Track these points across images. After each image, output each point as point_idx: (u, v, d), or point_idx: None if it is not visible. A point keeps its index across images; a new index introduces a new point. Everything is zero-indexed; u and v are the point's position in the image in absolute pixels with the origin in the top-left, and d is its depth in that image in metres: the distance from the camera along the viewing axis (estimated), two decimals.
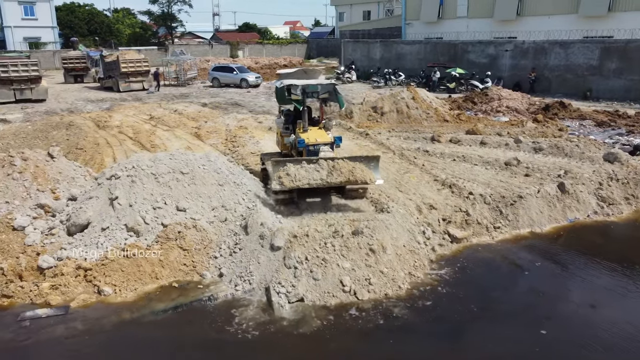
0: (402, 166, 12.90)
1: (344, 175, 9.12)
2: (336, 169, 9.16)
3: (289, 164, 9.17)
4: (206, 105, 26.01)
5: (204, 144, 15.89)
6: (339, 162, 9.28)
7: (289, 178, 8.97)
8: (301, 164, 9.18)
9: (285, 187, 9.01)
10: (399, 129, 18.11)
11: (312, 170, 9.11)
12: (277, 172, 9.11)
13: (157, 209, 8.50)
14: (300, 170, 9.07)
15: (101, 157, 14.15)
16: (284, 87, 10.40)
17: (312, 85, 10.36)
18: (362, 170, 9.29)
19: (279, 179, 9.00)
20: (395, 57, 37.08)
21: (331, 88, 10.83)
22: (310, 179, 9.03)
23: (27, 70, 26.80)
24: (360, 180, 9.26)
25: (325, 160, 9.31)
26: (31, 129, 18.31)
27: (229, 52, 63.88)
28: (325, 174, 9.11)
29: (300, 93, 10.25)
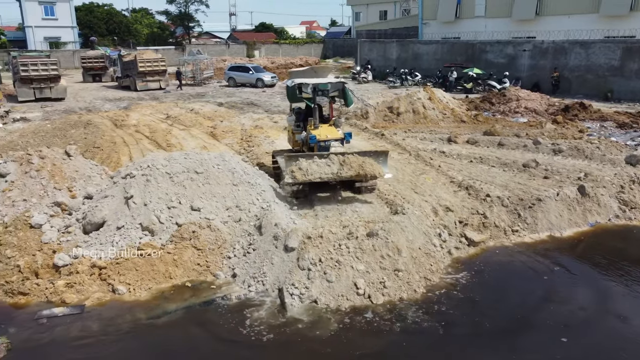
0: (417, 167, 12.75)
1: (354, 169, 9.43)
2: (346, 164, 9.46)
3: (301, 159, 9.51)
4: (222, 104, 26.10)
5: (220, 143, 15.92)
6: (349, 157, 9.60)
7: (301, 172, 9.28)
8: (313, 159, 9.51)
9: (298, 181, 9.32)
10: (415, 129, 17.95)
11: (323, 165, 9.44)
12: (289, 166, 9.43)
13: (172, 209, 8.50)
14: (312, 164, 9.40)
15: (117, 156, 14.25)
16: (295, 85, 10.71)
17: (322, 83, 10.62)
18: (371, 164, 9.59)
19: (291, 173, 9.32)
20: (412, 57, 36.82)
21: (340, 86, 11.10)
22: (321, 173, 9.35)
23: (47, 70, 27.15)
24: (370, 174, 9.55)
25: (335, 155, 9.63)
26: (50, 127, 18.55)
27: (245, 51, 64.11)
28: (336, 169, 9.42)
29: (311, 91, 10.54)
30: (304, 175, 9.29)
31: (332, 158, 9.56)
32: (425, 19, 41.73)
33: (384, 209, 9.72)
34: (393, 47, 38.50)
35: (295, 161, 9.50)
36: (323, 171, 9.38)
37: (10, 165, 9.93)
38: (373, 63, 39.34)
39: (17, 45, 59.55)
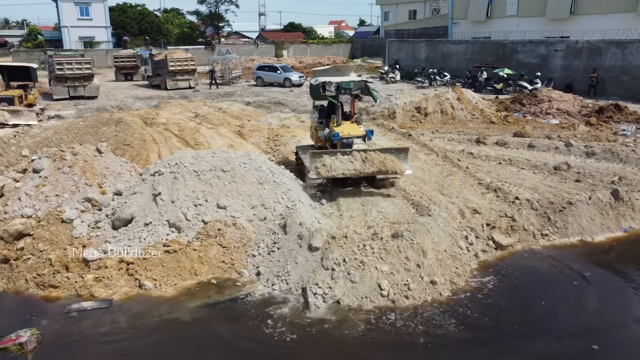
0: (445, 168, 12.59)
1: (376, 165, 9.81)
2: (368, 160, 9.84)
3: (325, 156, 9.89)
4: (250, 104, 26.30)
5: (247, 142, 16.04)
6: (371, 153, 9.96)
7: (325, 168, 9.70)
8: (336, 156, 9.91)
9: (322, 177, 9.74)
10: (443, 130, 17.73)
11: (346, 161, 9.83)
12: (314, 162, 9.84)
13: (198, 206, 8.60)
14: (336, 161, 9.80)
15: (147, 154, 14.51)
16: (319, 84, 10.99)
17: (345, 82, 10.92)
18: (392, 161, 9.95)
19: (316, 169, 9.73)
20: (441, 57, 36.38)
21: (363, 85, 11.37)
22: (344, 169, 9.76)
23: (81, 69, 27.85)
24: (391, 171, 9.94)
25: (358, 152, 9.99)
26: (83, 125, 19.02)
27: (273, 51, 64.49)
28: (358, 165, 9.81)
29: (334, 90, 10.82)
30: (327, 171, 9.69)
31: (355, 155, 9.91)
32: (455, 19, 41.20)
33: (409, 209, 9.63)
34: (422, 47, 38.12)
35: (320, 158, 9.85)
36: (346, 167, 9.77)
37: (45, 162, 10.22)
38: (401, 63, 39.04)
39: (54, 44, 61.31)
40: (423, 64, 36.76)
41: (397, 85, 35.58)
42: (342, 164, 9.80)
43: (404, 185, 11.06)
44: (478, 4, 38.43)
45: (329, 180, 10.11)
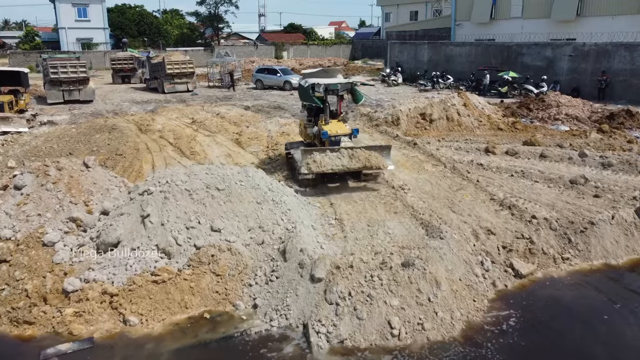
0: (454, 182, 11.89)
1: (361, 161, 10.65)
2: (355, 157, 10.67)
3: (315, 152, 10.70)
4: (249, 108, 25.61)
5: (245, 151, 15.34)
6: (357, 150, 10.80)
7: (315, 164, 10.49)
8: (325, 153, 10.71)
9: (312, 172, 10.55)
10: (450, 138, 17.02)
11: (334, 158, 10.63)
12: (305, 159, 10.60)
13: (190, 229, 7.90)
14: (325, 157, 10.60)
15: (140, 164, 13.81)
16: (309, 85, 11.74)
17: (333, 84, 11.80)
18: (376, 157, 10.82)
19: (307, 165, 10.52)
20: (444, 59, 35.68)
21: (349, 86, 12.26)
22: (333, 165, 10.57)
23: (76, 72, 27.16)
24: (375, 166, 10.79)
25: (345, 149, 10.79)
26: (75, 132, 18.31)
27: (273, 52, 63.80)
28: (345, 161, 10.61)
29: (323, 91, 11.73)
30: (317, 167, 10.49)
31: (342, 152, 10.73)
32: (458, 20, 40.49)
33: (419, 230, 8.93)
34: (424, 49, 37.43)
35: (310, 154, 10.66)
36: (334, 163, 10.58)
37: (27, 177, 9.54)
38: (403, 65, 38.34)
39: (51, 46, 60.65)
40: (425, 67, 36.06)
41: (399, 88, 34.90)
42: (331, 160, 10.58)
43: (411, 201, 10.37)
44: (482, 5, 37.72)
45: (318, 176, 10.95)
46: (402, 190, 11.06)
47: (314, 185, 11.19)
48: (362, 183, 11.38)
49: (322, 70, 13.25)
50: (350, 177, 11.62)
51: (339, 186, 11.32)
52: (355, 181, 11.51)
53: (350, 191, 11.10)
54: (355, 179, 11.57)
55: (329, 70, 13.28)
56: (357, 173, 11.31)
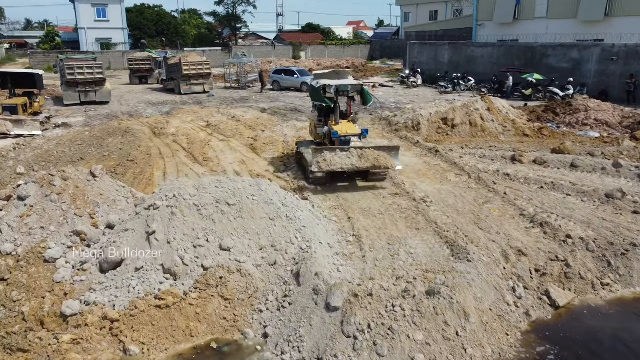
0: (480, 194, 11.19)
1: (370, 161, 10.93)
2: (364, 156, 10.97)
3: (325, 152, 11.06)
4: (265, 110, 25.12)
5: (259, 157, 14.82)
6: (366, 150, 11.10)
7: (325, 163, 10.83)
8: (335, 152, 11.03)
9: (323, 170, 10.89)
10: (473, 144, 16.28)
11: (344, 157, 10.94)
12: (316, 157, 10.95)
13: (198, 247, 7.38)
14: (335, 157, 10.93)
15: (151, 171, 13.38)
16: (320, 86, 12.12)
17: (344, 85, 12.21)
18: (384, 157, 11.08)
19: (317, 163, 10.86)
20: (465, 60, 34.76)
21: (359, 88, 12.56)
22: (342, 164, 10.88)
23: (92, 73, 26.98)
24: (384, 166, 11.06)
25: (355, 149, 11.13)
26: (88, 135, 18.02)
27: (291, 53, 63.37)
28: (355, 160, 10.92)
29: (334, 92, 12.10)
30: (328, 166, 10.83)
31: (352, 151, 11.06)
32: (480, 20, 39.48)
33: (443, 250, 8.28)
34: (445, 50, 36.53)
35: (321, 153, 11.02)
36: (344, 162, 10.89)
37: (31, 188, 9.12)
38: (423, 66, 37.48)
39: (71, 46, 61.13)
40: (446, 68, 35.18)
41: (419, 90, 34.11)
42: (341, 160, 10.90)
43: (435, 215, 9.72)
44: (505, 5, 36.67)
45: (328, 174, 11.31)
46: (424, 203, 10.41)
47: (323, 184, 11.54)
48: (371, 183, 11.71)
49: (333, 71, 13.61)
50: (358, 177, 11.97)
51: (359, 201, 10.73)
52: (364, 181, 11.84)
53: (369, 203, 10.51)
54: (363, 179, 11.89)
55: (340, 71, 13.65)
56: (365, 172, 11.61)
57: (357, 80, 13.44)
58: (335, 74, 13.18)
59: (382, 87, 36.17)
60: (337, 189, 11.49)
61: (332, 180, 11.63)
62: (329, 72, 13.46)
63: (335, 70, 13.91)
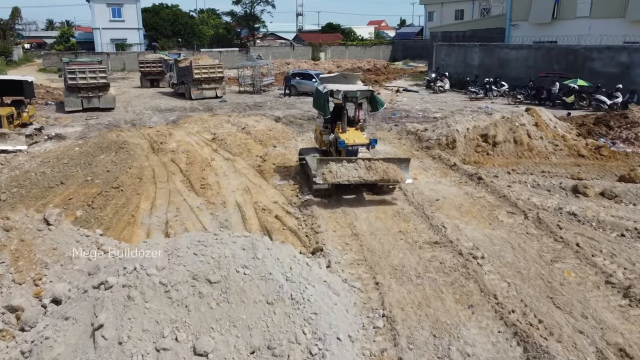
0: (544, 244, 8.72)
1: (379, 174, 10.26)
2: (372, 169, 10.30)
3: (331, 162, 10.39)
4: (279, 119, 22.92)
5: (267, 183, 12.54)
6: (375, 162, 10.46)
7: (331, 175, 10.16)
8: (342, 163, 10.39)
9: (328, 182, 10.21)
10: (521, 168, 13.73)
11: (351, 169, 10.29)
12: (321, 169, 10.28)
13: (162, 352, 5.11)
14: (341, 168, 10.27)
15: (137, 202, 11.19)
16: (327, 91, 11.44)
17: (352, 91, 11.59)
18: (394, 170, 10.41)
19: (322, 175, 10.19)
20: (497, 63, 32.03)
21: (368, 94, 11.91)
22: (349, 176, 10.20)
23: (95, 78, 25.09)
24: (393, 179, 10.36)
25: (363, 160, 10.51)
26: (78, 151, 15.99)
27: (310, 54, 61.14)
28: (362, 172, 10.26)
29: (342, 98, 11.48)
30: (333, 178, 10.15)
31: (359, 163, 10.44)
32: (514, 20, 36.58)
33: (513, 349, 5.86)
34: (475, 52, 33.83)
35: (326, 164, 10.35)
36: (351, 174, 10.24)
37: None
38: (450, 69, 34.85)
39: (86, 46, 59.96)
40: (476, 71, 32.49)
41: (447, 96, 31.54)
42: (347, 171, 10.27)
43: (491, 282, 7.31)
44: (543, 4, 33.75)
45: (333, 186, 10.74)
46: (474, 260, 8.00)
47: (328, 196, 11.02)
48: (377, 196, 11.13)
49: (340, 75, 12.87)
50: (365, 189, 11.38)
51: (389, 253, 8.38)
52: (371, 194, 11.28)
53: (401, 258, 8.15)
54: (370, 191, 11.33)
55: (348, 75, 12.83)
56: (373, 185, 11.02)
57: (366, 86, 12.82)
58: (342, 78, 12.46)
59: (406, 91, 33.67)
60: (362, 234, 9.17)
61: (338, 192, 11.09)
62: (336, 76, 12.73)
63: (342, 73, 12.98)
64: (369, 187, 11.25)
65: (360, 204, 10.82)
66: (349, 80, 12.36)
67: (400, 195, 11.40)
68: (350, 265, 8.01)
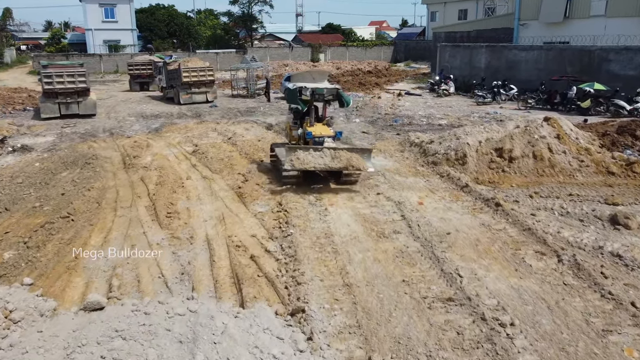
0: (589, 303, 6.80)
1: (343, 162, 11.07)
2: (337, 157, 11.12)
3: (299, 150, 11.22)
4: (271, 127, 21.07)
5: (247, 210, 10.64)
6: (339, 151, 11.26)
7: (299, 161, 11.02)
8: (309, 151, 11.20)
9: (295, 168, 11.06)
10: (545, 189, 11.80)
11: (317, 157, 11.14)
12: (289, 156, 11.14)
13: None
14: (308, 155, 11.11)
15: (88, 236, 9.28)
16: (296, 89, 12.09)
17: (319, 88, 12.11)
18: (357, 159, 11.20)
19: (290, 161, 11.03)
20: (505, 65, 30.11)
21: (335, 92, 12.32)
22: (315, 163, 11.10)
23: (74, 82, 23.17)
24: (356, 167, 11.15)
25: (328, 149, 11.29)
26: (38, 167, 14.14)
27: (309, 55, 59.31)
28: (328, 160, 11.10)
29: (310, 95, 12.01)
30: (301, 164, 10.98)
31: (325, 151, 11.17)
32: (523, 20, 34.60)
33: None
34: (481, 53, 31.92)
35: (294, 152, 11.14)
36: (317, 162, 11.06)
37: None
38: (455, 72, 32.96)
39: (79, 48, 58.13)
40: (482, 74, 30.54)
41: (452, 100, 29.65)
42: (314, 159, 11.04)
43: None
44: (554, 2, 31.77)
45: (301, 173, 11.45)
46: (502, 330, 6.08)
47: (297, 184, 11.59)
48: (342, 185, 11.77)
49: (307, 72, 13.61)
50: (332, 179, 12.10)
51: (390, 318, 6.48)
52: (336, 183, 11.91)
53: (405, 324, 6.25)
54: (336, 181, 11.97)
55: (314, 72, 13.43)
56: (338, 174, 11.71)
57: (332, 85, 13.25)
58: (309, 75, 13.09)
59: (408, 95, 31.80)
60: (356, 283, 7.28)
61: (306, 181, 11.73)
62: (304, 73, 13.38)
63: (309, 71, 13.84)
64: (334, 177, 11.97)
65: (357, 240, 8.93)
66: (317, 77, 12.98)
67: (404, 227, 9.50)
68: (339, 335, 6.11)
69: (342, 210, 10.45)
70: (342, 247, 8.65)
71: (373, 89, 34.50)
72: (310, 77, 13.04)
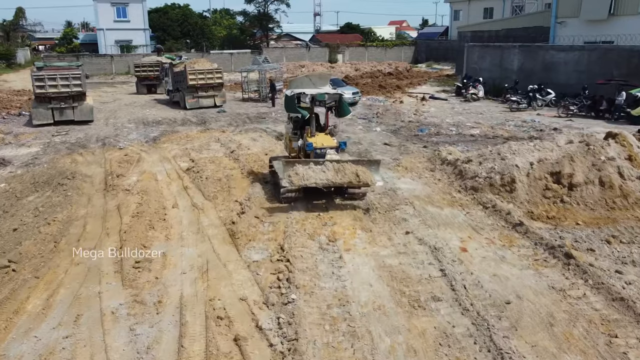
0: None
1: (348, 176, 10.01)
2: (341, 171, 10.07)
3: (298, 165, 10.14)
4: (282, 136, 18.67)
5: (239, 257, 8.28)
6: (344, 164, 10.25)
7: (297, 177, 9.86)
8: (309, 165, 10.15)
9: (295, 186, 9.89)
10: (622, 229, 9.17)
11: (319, 171, 10.07)
12: (287, 171, 10.03)
13: None
14: (308, 170, 10.02)
15: (26, 297, 7.02)
16: (294, 95, 11.07)
17: (320, 94, 11.10)
18: (364, 172, 10.12)
19: (289, 177, 9.89)
20: (541, 67, 27.28)
21: (337, 97, 11.42)
22: (317, 179, 9.95)
23: (68, 86, 21.16)
24: (363, 182, 10.07)
25: (331, 162, 10.28)
26: (3, 189, 12.02)
27: (327, 55, 56.89)
28: (330, 175, 10.02)
29: (309, 101, 11.07)
30: (300, 180, 9.84)
31: (327, 165, 10.18)
32: (561, 17, 31.60)
33: None
34: (514, 54, 29.14)
35: (293, 167, 10.07)
36: (318, 177, 9.98)
37: None
38: (484, 74, 30.25)
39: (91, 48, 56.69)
40: (515, 77, 27.76)
41: (482, 105, 26.97)
42: (315, 174, 10.02)
43: None
44: None
45: (301, 190, 10.39)
46: None
47: (296, 200, 10.55)
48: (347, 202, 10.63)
49: (306, 77, 12.42)
50: (335, 194, 11.06)
51: None
52: (340, 198, 10.89)
53: None
54: (340, 196, 10.98)
55: (314, 77, 12.33)
56: (341, 189, 10.71)
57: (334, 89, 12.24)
58: (308, 80, 11.96)
59: (433, 99, 29.19)
60: None
61: (306, 196, 10.69)
62: (302, 78, 12.35)
63: (308, 75, 12.54)
64: (338, 192, 10.91)
65: (382, 313, 6.50)
66: (318, 82, 11.90)
67: (446, 289, 7.05)
68: None
69: (362, 259, 8.04)
70: (362, 324, 6.23)
71: (394, 93, 31.95)
72: (309, 82, 11.85)
